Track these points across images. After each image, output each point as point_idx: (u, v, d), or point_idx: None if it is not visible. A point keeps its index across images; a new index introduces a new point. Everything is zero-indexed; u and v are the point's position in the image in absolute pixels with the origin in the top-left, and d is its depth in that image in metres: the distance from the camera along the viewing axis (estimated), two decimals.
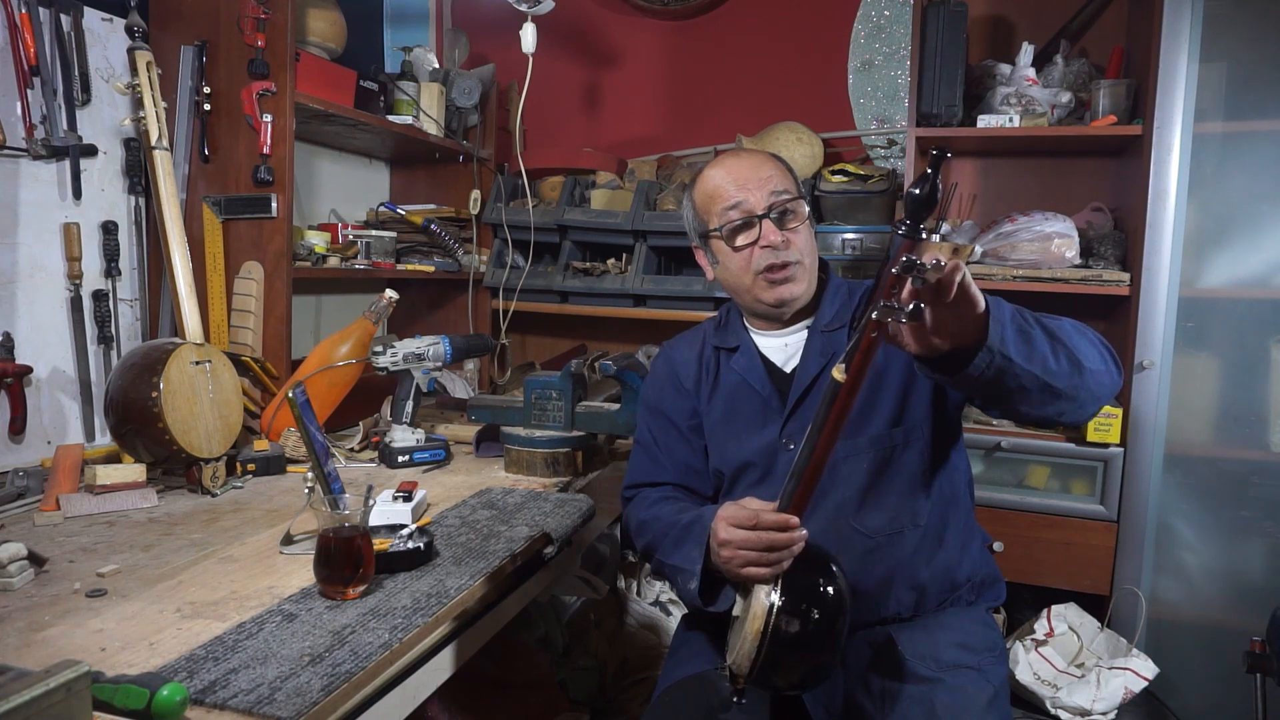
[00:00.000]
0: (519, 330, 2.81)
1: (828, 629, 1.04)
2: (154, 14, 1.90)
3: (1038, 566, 2.09)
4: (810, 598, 1.05)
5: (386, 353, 1.84)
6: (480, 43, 2.88)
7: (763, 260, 1.26)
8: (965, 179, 2.51)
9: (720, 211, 1.29)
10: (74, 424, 1.78)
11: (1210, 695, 2.01)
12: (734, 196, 1.28)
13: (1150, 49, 1.99)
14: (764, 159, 1.32)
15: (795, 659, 1.04)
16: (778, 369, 1.34)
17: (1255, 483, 2.02)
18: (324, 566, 1.11)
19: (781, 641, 1.02)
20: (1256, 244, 2.00)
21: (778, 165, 1.32)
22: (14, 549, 1.16)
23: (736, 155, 1.33)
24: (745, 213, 1.27)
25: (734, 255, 1.29)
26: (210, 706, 0.86)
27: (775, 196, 1.27)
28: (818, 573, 1.07)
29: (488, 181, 2.75)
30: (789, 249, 1.26)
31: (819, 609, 1.05)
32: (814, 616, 1.04)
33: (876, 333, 0.95)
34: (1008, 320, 0.99)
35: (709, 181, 1.32)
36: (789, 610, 1.03)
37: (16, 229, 1.66)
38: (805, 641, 1.03)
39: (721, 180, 1.30)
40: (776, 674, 1.05)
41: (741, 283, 1.30)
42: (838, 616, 1.05)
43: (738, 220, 1.27)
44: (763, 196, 1.27)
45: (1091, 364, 1.05)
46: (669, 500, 1.37)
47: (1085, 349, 1.06)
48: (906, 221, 0.92)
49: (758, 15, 2.73)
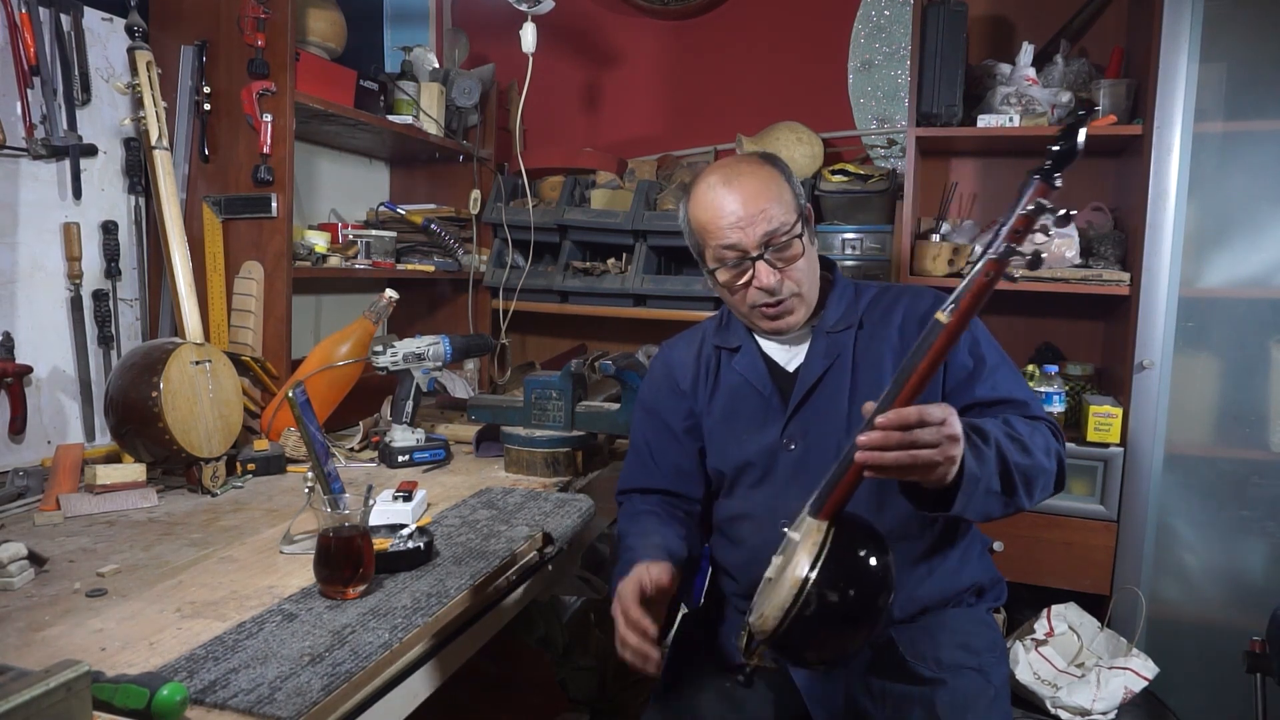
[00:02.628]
0: (519, 330, 2.81)
1: (864, 607, 1.00)
2: (154, 14, 1.90)
3: (1038, 566, 2.09)
4: (850, 573, 1.00)
5: (386, 352, 1.84)
6: (480, 43, 2.88)
7: (757, 299, 1.25)
8: (965, 179, 2.51)
9: (714, 248, 1.25)
10: (74, 424, 1.78)
11: (1210, 695, 2.01)
12: (727, 236, 1.22)
13: (1150, 49, 1.99)
14: (760, 186, 1.23)
15: (824, 634, 1.00)
16: (780, 368, 1.33)
17: (1255, 483, 2.02)
18: (324, 566, 1.11)
19: (812, 614, 0.98)
20: (1256, 244, 2.00)
21: (774, 191, 1.23)
22: (14, 549, 1.16)
23: (730, 182, 1.23)
24: (738, 253, 1.22)
25: (728, 290, 1.28)
26: (210, 706, 0.86)
27: (769, 235, 1.21)
28: (864, 547, 1.02)
29: (488, 181, 2.75)
30: (784, 285, 1.24)
31: (856, 586, 1.00)
32: (850, 594, 0.99)
33: (993, 273, 0.90)
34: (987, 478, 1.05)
35: (704, 209, 1.25)
36: (824, 583, 0.98)
37: (16, 229, 1.66)
38: (838, 617, 0.99)
39: (714, 215, 1.23)
40: (803, 646, 1.01)
41: (738, 310, 1.30)
42: (880, 593, 1.00)
43: (731, 260, 1.24)
44: (756, 236, 1.21)
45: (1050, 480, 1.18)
46: (648, 514, 1.35)
47: (1043, 472, 1.14)
48: (1047, 164, 0.88)
49: (758, 15, 2.72)
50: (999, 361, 1.26)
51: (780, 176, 1.26)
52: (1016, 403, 1.23)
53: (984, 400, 1.23)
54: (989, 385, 1.23)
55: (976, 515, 1.08)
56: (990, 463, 1.06)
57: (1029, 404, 1.24)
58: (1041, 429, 1.19)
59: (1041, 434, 1.17)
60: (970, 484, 1.02)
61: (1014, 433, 1.13)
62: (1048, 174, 0.88)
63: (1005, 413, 1.20)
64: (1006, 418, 1.17)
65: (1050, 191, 0.88)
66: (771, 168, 1.27)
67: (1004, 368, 1.26)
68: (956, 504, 1.03)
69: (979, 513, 1.07)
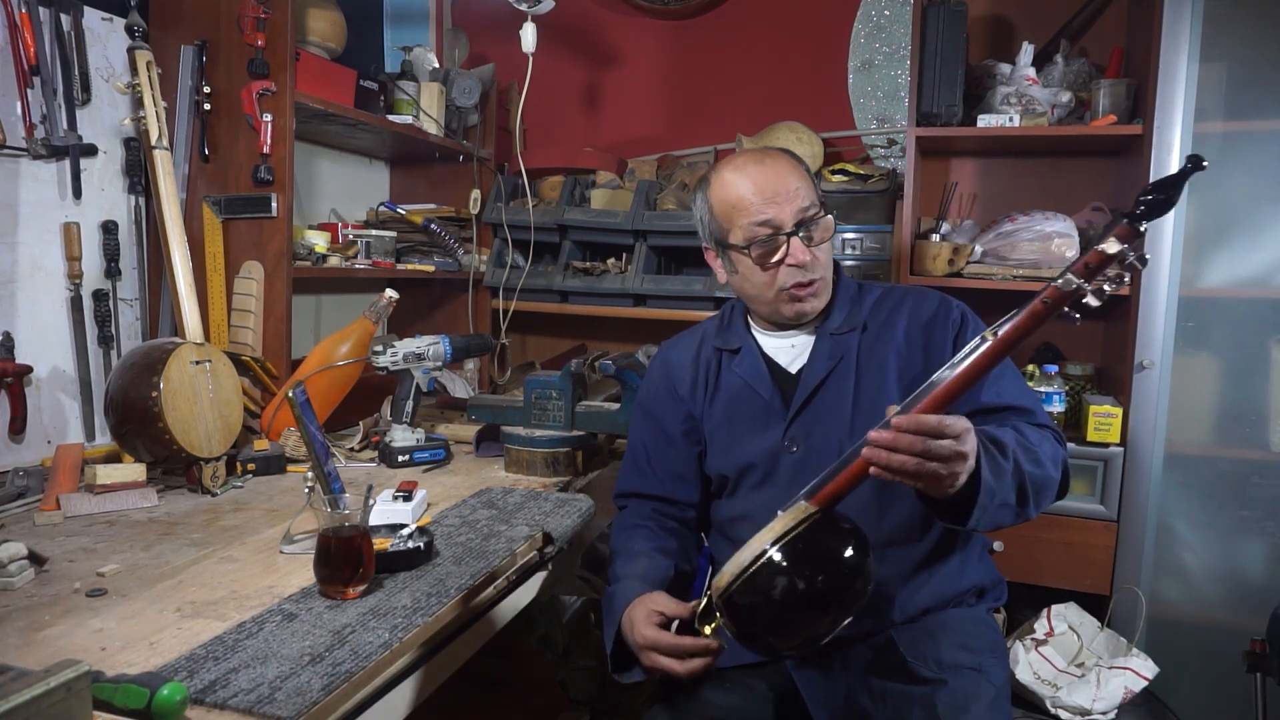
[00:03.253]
0: (519, 330, 2.81)
1: (820, 594, 0.99)
2: (154, 14, 1.90)
3: (1038, 566, 2.09)
4: (815, 556, 1.00)
5: (386, 352, 1.84)
6: (480, 42, 2.88)
7: (789, 279, 1.24)
8: (965, 179, 2.51)
9: (746, 226, 1.24)
10: (74, 424, 1.78)
11: (1210, 695, 2.01)
12: (761, 213, 1.22)
13: (1150, 49, 1.99)
14: (788, 168, 1.26)
15: (773, 607, 1.00)
16: (782, 370, 1.33)
17: (1255, 483, 2.02)
18: (324, 566, 1.11)
19: (764, 583, 0.99)
20: (1256, 244, 2.00)
21: (801, 174, 1.26)
22: (14, 549, 1.16)
23: (761, 162, 1.26)
24: (773, 229, 1.22)
25: (758, 270, 1.25)
26: (210, 706, 0.86)
27: (803, 212, 1.22)
28: (841, 538, 1.02)
29: (488, 181, 2.75)
30: (815, 265, 1.24)
31: (816, 570, 1.00)
32: (806, 574, 0.99)
33: (1052, 301, 0.88)
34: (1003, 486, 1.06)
35: (731, 189, 1.25)
36: (787, 556, 0.99)
37: (16, 229, 1.66)
38: (789, 594, 0.98)
39: (746, 191, 1.24)
40: (750, 615, 1.01)
41: (762, 295, 1.28)
42: (840, 587, 1.00)
43: (765, 237, 1.23)
44: (791, 212, 1.22)
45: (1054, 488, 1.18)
46: (642, 534, 1.36)
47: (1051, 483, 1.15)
48: (1141, 209, 0.86)
49: (758, 15, 2.72)
50: (1004, 368, 1.25)
51: (803, 166, 1.30)
52: (1023, 410, 1.23)
53: (990, 406, 1.23)
54: (994, 391, 1.23)
55: (989, 526, 1.08)
56: (1007, 476, 1.06)
57: (1035, 412, 1.24)
58: (1049, 437, 1.19)
59: (1050, 443, 1.18)
60: (986, 497, 1.03)
61: (1027, 443, 1.13)
62: (1136, 219, 0.87)
63: (1011, 419, 1.20)
64: (1018, 426, 1.17)
65: (1134, 237, 0.87)
66: (793, 157, 1.30)
67: (1009, 374, 1.26)
68: (973, 518, 1.03)
69: (991, 524, 1.08)
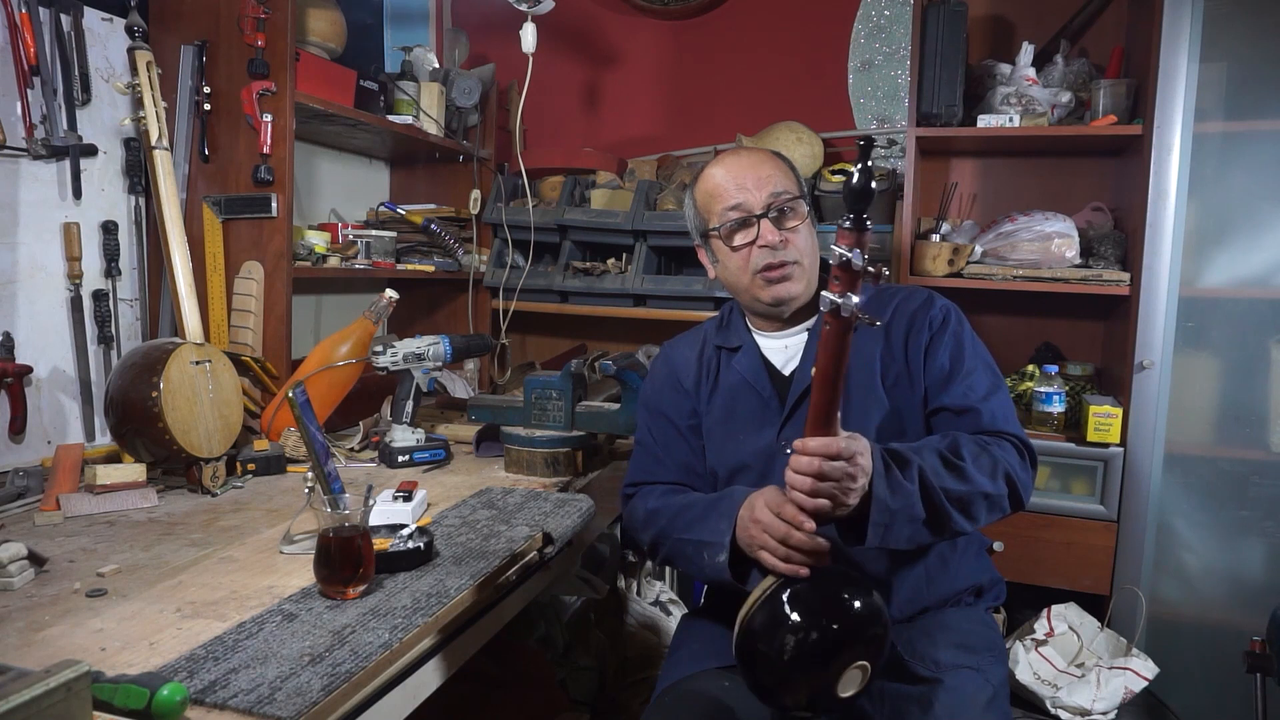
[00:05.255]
0: (519, 330, 2.81)
1: (818, 645, 1.00)
2: (154, 14, 1.90)
3: (1038, 566, 2.09)
4: (811, 607, 1.02)
5: (386, 352, 1.84)
6: (480, 43, 2.88)
7: (760, 260, 1.27)
8: (965, 179, 2.51)
9: (720, 211, 1.30)
10: (74, 424, 1.78)
11: (1210, 695, 2.01)
12: (733, 196, 1.29)
13: (1150, 49, 1.99)
14: (764, 158, 1.32)
15: (775, 660, 1.01)
16: (776, 371, 1.34)
17: (1255, 483, 2.02)
18: (324, 566, 1.11)
19: (759, 630, 1.02)
20: (1256, 244, 2.00)
21: (778, 164, 1.33)
22: (14, 549, 1.15)
23: (737, 154, 1.34)
24: (744, 212, 1.28)
25: (733, 255, 1.30)
26: (210, 706, 0.86)
27: (774, 196, 1.27)
28: (839, 589, 1.04)
29: (488, 181, 2.75)
30: (787, 248, 1.26)
31: (814, 621, 1.01)
32: (798, 622, 1.01)
33: (832, 326, 0.96)
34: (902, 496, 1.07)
35: (709, 180, 1.33)
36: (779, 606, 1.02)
37: (16, 229, 1.66)
38: (788, 645, 1.00)
39: (721, 179, 1.31)
40: (756, 660, 1.03)
41: (740, 281, 1.31)
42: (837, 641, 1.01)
43: (736, 219, 1.28)
44: (761, 196, 1.27)
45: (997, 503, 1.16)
46: (676, 492, 1.36)
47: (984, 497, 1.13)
48: (850, 216, 0.93)
49: (758, 15, 2.72)
50: (976, 366, 1.26)
51: (784, 161, 1.35)
52: (979, 413, 1.22)
53: (951, 408, 1.24)
54: (960, 392, 1.24)
55: (901, 544, 1.09)
56: (910, 493, 1.06)
57: (996, 416, 1.22)
58: (996, 448, 1.17)
59: (993, 455, 1.16)
60: (880, 515, 1.04)
61: (952, 458, 1.13)
62: (855, 222, 0.93)
63: (970, 423, 1.21)
64: (956, 437, 1.17)
65: (861, 233, 0.93)
66: (778, 155, 1.35)
67: (980, 373, 1.26)
68: (870, 535, 1.05)
69: (903, 540, 1.08)
